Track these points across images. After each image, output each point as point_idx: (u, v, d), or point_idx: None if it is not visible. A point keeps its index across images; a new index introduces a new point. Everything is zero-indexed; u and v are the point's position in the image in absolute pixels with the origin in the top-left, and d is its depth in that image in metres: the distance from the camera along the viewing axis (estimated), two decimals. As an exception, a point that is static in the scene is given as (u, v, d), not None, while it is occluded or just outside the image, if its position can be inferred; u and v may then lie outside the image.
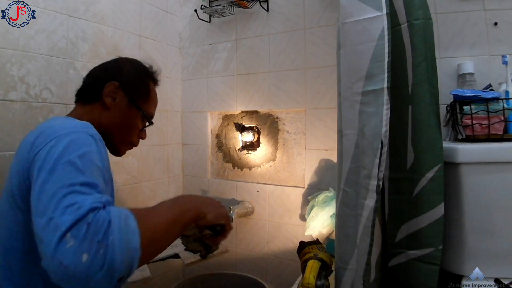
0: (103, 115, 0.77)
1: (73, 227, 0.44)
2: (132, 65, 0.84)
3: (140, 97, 0.81)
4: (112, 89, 0.77)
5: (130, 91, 0.79)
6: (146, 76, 0.85)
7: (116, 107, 0.77)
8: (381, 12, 0.68)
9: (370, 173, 0.68)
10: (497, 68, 0.98)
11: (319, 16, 1.28)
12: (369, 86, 0.69)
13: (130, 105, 0.79)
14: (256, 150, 1.45)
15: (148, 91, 0.84)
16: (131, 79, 0.80)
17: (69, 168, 0.52)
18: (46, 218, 0.46)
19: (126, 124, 0.79)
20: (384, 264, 0.84)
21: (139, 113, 0.81)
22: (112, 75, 0.78)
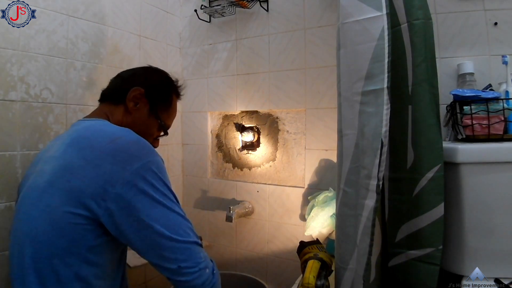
0: (124, 118, 0.79)
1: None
2: (159, 75, 0.87)
3: (162, 107, 0.83)
4: (136, 95, 0.78)
5: (153, 99, 0.81)
6: (171, 88, 0.87)
7: (137, 113, 0.79)
8: (381, 12, 0.68)
9: (370, 173, 0.68)
10: (497, 68, 0.97)
11: (319, 16, 1.28)
12: (369, 86, 0.69)
13: (150, 113, 0.81)
14: (256, 150, 1.45)
15: (170, 103, 0.86)
16: (156, 88, 0.82)
17: (175, 205, 0.66)
18: (189, 265, 0.64)
19: (143, 130, 0.80)
20: (384, 264, 0.84)
21: (158, 122, 0.83)
22: (138, 81, 0.80)
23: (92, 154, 0.63)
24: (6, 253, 0.76)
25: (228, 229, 1.50)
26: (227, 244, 1.52)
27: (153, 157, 0.66)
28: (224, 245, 1.53)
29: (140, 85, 0.79)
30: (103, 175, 0.60)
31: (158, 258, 0.63)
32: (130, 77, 0.83)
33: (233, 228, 1.49)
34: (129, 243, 0.63)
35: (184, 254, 0.63)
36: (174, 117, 0.91)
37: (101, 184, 0.60)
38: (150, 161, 0.64)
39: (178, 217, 0.65)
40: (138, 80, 0.81)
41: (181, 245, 0.63)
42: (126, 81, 0.82)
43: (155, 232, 0.61)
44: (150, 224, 0.61)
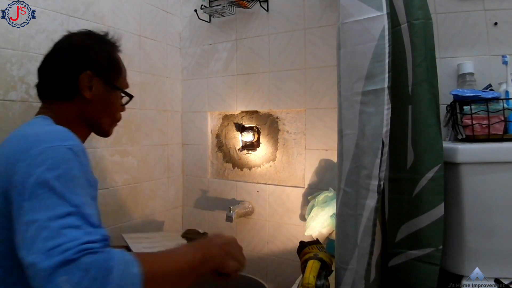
0: (86, 109, 0.72)
1: (63, 270, 0.41)
2: (96, 44, 0.75)
3: (115, 76, 0.77)
4: (87, 81, 0.71)
5: (104, 74, 0.74)
6: (112, 50, 0.78)
7: (96, 97, 0.72)
8: (381, 12, 0.68)
9: (371, 173, 0.68)
10: (497, 68, 0.97)
11: (319, 16, 1.28)
12: (370, 86, 0.69)
13: (108, 88, 0.75)
14: (256, 150, 1.45)
15: (118, 65, 0.79)
16: (102, 61, 0.74)
17: (49, 195, 0.48)
18: (33, 258, 0.43)
19: (110, 107, 0.77)
20: (384, 264, 0.84)
21: (118, 92, 0.78)
22: (81, 64, 0.71)
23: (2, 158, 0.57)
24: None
25: (228, 229, 1.50)
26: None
27: (44, 144, 0.55)
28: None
29: (85, 68, 0.70)
30: (3, 176, 0.54)
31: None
32: (67, 63, 0.71)
33: (233, 228, 1.49)
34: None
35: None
36: (126, 72, 0.82)
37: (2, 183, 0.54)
38: (40, 150, 0.54)
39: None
40: (79, 63, 0.71)
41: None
42: (63, 71, 0.71)
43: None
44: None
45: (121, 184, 1.32)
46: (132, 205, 1.36)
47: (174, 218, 1.61)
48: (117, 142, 1.30)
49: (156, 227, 1.49)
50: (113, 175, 1.28)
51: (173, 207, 1.60)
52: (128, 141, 1.35)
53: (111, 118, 0.79)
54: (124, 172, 1.33)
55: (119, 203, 1.31)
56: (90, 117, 0.74)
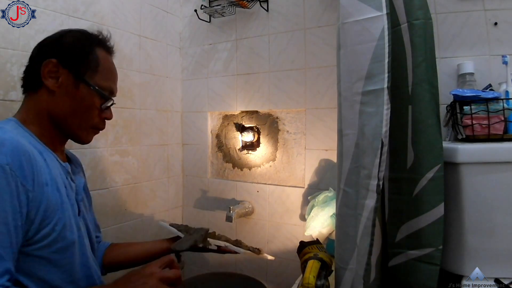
0: (50, 103, 0.66)
1: None
2: (72, 35, 0.70)
3: (88, 70, 0.68)
4: (50, 68, 0.65)
5: (73, 65, 0.66)
6: (90, 44, 0.70)
7: (61, 89, 0.66)
8: (381, 12, 0.68)
9: (370, 173, 0.68)
10: (497, 68, 0.97)
11: (319, 16, 1.28)
12: (369, 86, 0.69)
13: (77, 82, 0.67)
14: (256, 150, 1.45)
15: (96, 61, 0.69)
16: (72, 51, 0.67)
17: None
18: None
19: (78, 106, 0.67)
20: (384, 264, 0.84)
21: (92, 90, 0.68)
22: (49, 53, 0.66)
23: None
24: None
25: (228, 229, 1.50)
26: (227, 244, 1.52)
27: None
28: (224, 245, 1.53)
29: (51, 56, 0.65)
30: None
31: None
32: (37, 53, 0.68)
33: (233, 228, 1.49)
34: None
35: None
36: (113, 77, 0.75)
37: None
38: None
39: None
40: (47, 52, 0.67)
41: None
42: (34, 60, 0.67)
43: None
44: None
45: (121, 184, 1.32)
46: (132, 205, 1.36)
47: (174, 218, 1.61)
48: (117, 142, 1.30)
49: (156, 227, 1.49)
50: (113, 175, 1.28)
51: (173, 207, 1.60)
52: (128, 141, 1.35)
53: (80, 119, 0.69)
54: (124, 172, 1.33)
55: (119, 203, 1.31)
56: (55, 113, 0.67)
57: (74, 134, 0.71)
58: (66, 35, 0.70)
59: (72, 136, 0.71)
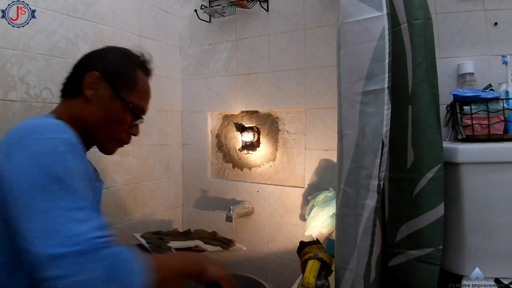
0: (84, 110, 0.70)
1: (82, 259, 0.45)
2: (117, 53, 0.76)
3: (126, 88, 0.73)
4: (92, 80, 0.70)
5: (114, 81, 0.72)
6: (133, 64, 0.76)
7: (98, 100, 0.70)
8: (382, 12, 0.68)
9: (371, 173, 0.68)
10: (497, 68, 0.97)
11: (319, 16, 1.28)
12: (370, 86, 0.69)
13: (114, 98, 0.71)
14: (256, 150, 1.45)
15: (135, 81, 0.75)
16: (115, 68, 0.73)
17: (54, 187, 0.50)
18: (51, 249, 0.45)
19: (110, 119, 0.72)
20: (384, 264, 0.84)
21: (125, 107, 0.73)
22: (93, 65, 0.72)
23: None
24: None
25: (228, 229, 1.50)
26: (227, 244, 1.52)
27: (36, 135, 0.55)
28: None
29: (95, 69, 0.70)
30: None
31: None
32: (82, 63, 0.74)
33: (233, 228, 1.49)
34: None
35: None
36: (147, 98, 0.80)
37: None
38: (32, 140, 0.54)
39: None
40: (92, 64, 0.72)
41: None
42: (79, 69, 0.73)
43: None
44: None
45: (121, 184, 1.32)
46: (132, 205, 1.36)
47: (174, 218, 1.61)
48: (117, 142, 1.30)
49: (156, 227, 1.49)
50: (113, 175, 1.28)
51: (173, 207, 1.60)
52: (128, 141, 1.35)
53: (109, 131, 0.73)
54: (124, 172, 1.33)
55: (119, 203, 1.31)
56: (87, 121, 0.71)
57: (100, 143, 0.75)
58: (112, 51, 0.77)
59: (98, 145, 0.75)
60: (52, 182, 0.50)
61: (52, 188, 0.50)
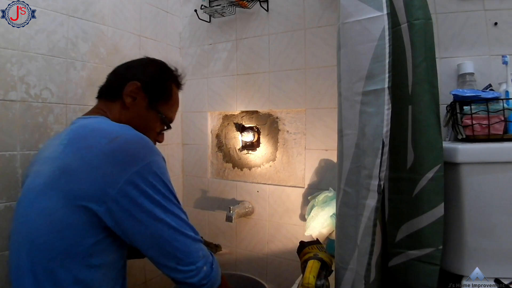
0: (122, 114, 0.76)
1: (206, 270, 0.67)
2: (156, 66, 0.83)
3: (161, 100, 0.80)
4: (133, 89, 0.76)
5: (151, 92, 0.78)
6: (169, 78, 0.83)
7: (135, 108, 0.77)
8: (382, 12, 0.68)
9: (371, 173, 0.68)
10: (497, 68, 0.98)
11: (319, 16, 1.28)
12: (370, 86, 0.69)
13: (149, 107, 0.78)
14: (256, 150, 1.45)
15: (170, 94, 0.83)
16: (154, 80, 0.79)
17: (174, 207, 0.65)
18: (186, 263, 0.65)
19: (143, 126, 0.78)
20: (384, 264, 0.84)
21: (158, 116, 0.80)
22: (135, 75, 0.78)
23: (90, 154, 0.61)
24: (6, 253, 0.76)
25: (228, 229, 1.50)
26: (227, 244, 1.52)
27: (154, 156, 0.65)
28: (224, 245, 1.52)
29: (136, 79, 0.76)
30: (103, 177, 0.59)
31: (158, 255, 0.64)
32: (125, 71, 0.81)
33: (233, 228, 1.49)
34: (131, 241, 0.63)
35: (183, 252, 0.64)
36: (176, 109, 0.87)
37: (101, 186, 0.59)
38: (151, 161, 0.63)
39: (178, 218, 0.65)
40: (134, 73, 0.78)
41: (181, 239, 0.64)
42: (121, 76, 0.79)
43: (157, 229, 0.62)
44: (152, 222, 0.61)
45: (121, 184, 1.31)
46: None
47: (174, 218, 1.61)
48: (117, 142, 1.30)
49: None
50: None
51: (173, 207, 1.60)
52: (128, 141, 1.34)
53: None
54: (124, 172, 1.33)
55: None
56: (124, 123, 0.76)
57: None
58: (152, 64, 0.83)
59: None
60: (171, 202, 0.67)
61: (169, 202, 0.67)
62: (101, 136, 0.64)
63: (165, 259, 0.64)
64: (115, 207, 0.59)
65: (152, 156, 0.65)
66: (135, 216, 0.60)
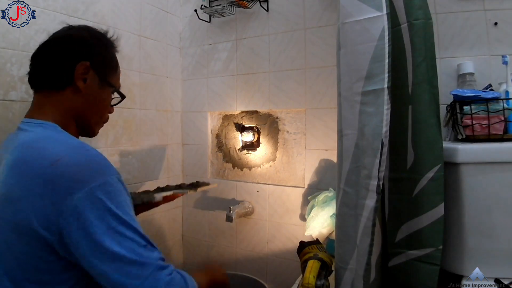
0: (76, 101, 0.68)
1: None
2: (96, 38, 0.73)
3: (111, 72, 0.74)
4: (83, 70, 0.68)
5: (101, 69, 0.71)
6: (112, 46, 0.76)
7: (89, 89, 0.69)
8: (381, 12, 0.68)
9: (370, 173, 0.68)
10: (497, 68, 0.97)
11: (319, 16, 1.28)
12: (370, 86, 0.69)
13: (101, 84, 0.72)
14: (256, 150, 1.45)
15: (116, 63, 0.76)
16: (101, 55, 0.72)
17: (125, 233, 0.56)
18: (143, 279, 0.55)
19: (100, 105, 0.73)
20: (384, 264, 0.84)
21: (111, 90, 0.75)
22: (79, 55, 0.68)
23: (33, 182, 0.56)
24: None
25: (228, 229, 1.50)
26: (227, 244, 1.52)
27: (100, 178, 0.57)
28: (224, 245, 1.53)
29: (83, 58, 0.68)
30: (48, 205, 0.54)
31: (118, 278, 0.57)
32: (63, 52, 0.68)
33: (233, 228, 1.49)
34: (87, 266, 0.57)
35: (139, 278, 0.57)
36: (120, 74, 0.80)
37: (48, 213, 0.54)
38: (97, 185, 0.56)
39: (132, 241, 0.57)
40: (76, 53, 0.68)
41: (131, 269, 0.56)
42: (61, 59, 0.68)
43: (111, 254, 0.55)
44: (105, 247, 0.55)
45: (121, 184, 1.32)
46: (132, 205, 1.36)
47: (174, 218, 1.61)
48: (117, 142, 1.30)
49: (156, 227, 1.49)
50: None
51: (173, 207, 1.60)
52: (128, 141, 1.35)
53: (100, 116, 0.75)
54: (124, 172, 1.33)
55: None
56: (80, 112, 0.70)
57: (90, 129, 0.75)
58: (90, 35, 0.72)
59: (88, 131, 0.75)
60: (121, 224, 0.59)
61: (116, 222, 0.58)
62: (43, 158, 0.58)
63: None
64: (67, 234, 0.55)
65: (98, 178, 0.57)
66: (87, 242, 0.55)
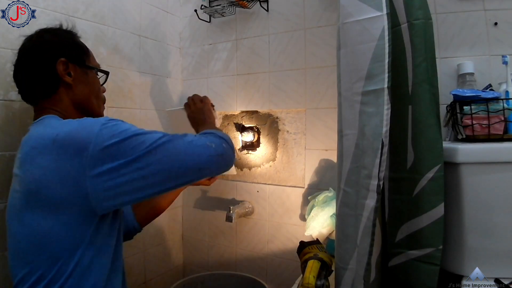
0: (71, 95, 0.76)
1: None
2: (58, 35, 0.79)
3: (84, 57, 0.81)
4: (64, 66, 0.75)
5: (76, 57, 0.78)
6: (72, 36, 0.82)
7: (76, 80, 0.77)
8: (381, 12, 0.68)
9: (371, 173, 0.68)
10: (497, 68, 0.97)
11: (319, 16, 1.28)
12: (370, 86, 0.69)
13: (83, 70, 0.79)
14: (256, 150, 1.45)
15: (84, 47, 0.83)
16: (70, 46, 0.79)
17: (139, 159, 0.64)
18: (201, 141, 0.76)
19: (92, 88, 0.80)
20: (384, 264, 0.84)
21: (93, 71, 0.82)
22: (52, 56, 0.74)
23: (45, 160, 0.61)
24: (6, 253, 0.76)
25: (228, 229, 1.50)
26: (227, 244, 1.52)
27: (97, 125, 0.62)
28: (224, 245, 1.53)
29: (57, 58, 0.74)
30: (68, 175, 0.60)
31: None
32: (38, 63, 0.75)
33: (233, 228, 1.49)
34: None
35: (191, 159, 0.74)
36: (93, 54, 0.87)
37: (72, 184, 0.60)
38: (98, 133, 0.61)
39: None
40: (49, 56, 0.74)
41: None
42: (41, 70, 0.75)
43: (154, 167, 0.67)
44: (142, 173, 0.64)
45: (121, 184, 1.31)
46: (132, 205, 1.36)
47: (174, 218, 1.61)
48: (117, 142, 1.30)
49: (156, 227, 1.49)
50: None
51: (173, 207, 1.60)
52: (128, 141, 1.34)
53: (96, 97, 0.82)
54: (124, 172, 1.32)
55: (119, 203, 1.30)
56: (80, 101, 0.78)
57: (97, 112, 0.83)
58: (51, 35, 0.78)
59: (96, 114, 0.82)
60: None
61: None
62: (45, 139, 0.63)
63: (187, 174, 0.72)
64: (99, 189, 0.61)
65: (95, 127, 0.62)
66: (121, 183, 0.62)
